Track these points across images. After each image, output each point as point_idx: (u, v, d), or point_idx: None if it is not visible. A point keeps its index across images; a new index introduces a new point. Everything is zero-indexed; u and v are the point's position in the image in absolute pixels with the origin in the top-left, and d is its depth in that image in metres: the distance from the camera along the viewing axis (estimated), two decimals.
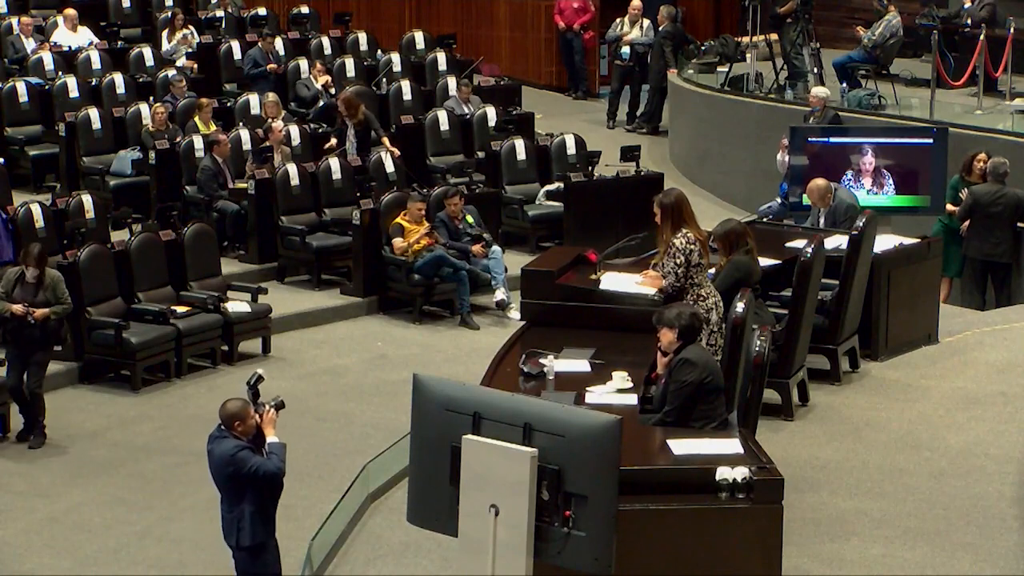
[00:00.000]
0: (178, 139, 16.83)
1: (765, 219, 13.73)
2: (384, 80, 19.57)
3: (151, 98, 18.22)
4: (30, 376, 11.94)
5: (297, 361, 14.00)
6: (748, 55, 19.98)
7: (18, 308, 11.98)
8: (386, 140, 17.37)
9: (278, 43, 20.14)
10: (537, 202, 17.08)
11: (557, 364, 9.04)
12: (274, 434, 8.62)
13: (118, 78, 18.62)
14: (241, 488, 8.58)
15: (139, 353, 13.09)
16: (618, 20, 21.90)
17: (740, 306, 9.20)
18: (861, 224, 11.68)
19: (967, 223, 14.52)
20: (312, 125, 18.06)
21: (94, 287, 13.33)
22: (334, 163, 16.34)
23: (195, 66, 19.70)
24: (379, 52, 20.98)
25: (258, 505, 8.62)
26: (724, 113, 19.53)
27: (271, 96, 17.88)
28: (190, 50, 20.03)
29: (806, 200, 14.07)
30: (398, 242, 14.97)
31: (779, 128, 16.34)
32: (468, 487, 5.90)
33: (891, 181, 14.35)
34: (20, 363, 11.98)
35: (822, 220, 13.09)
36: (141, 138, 17.11)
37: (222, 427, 8.64)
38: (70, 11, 20.38)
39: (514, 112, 19.32)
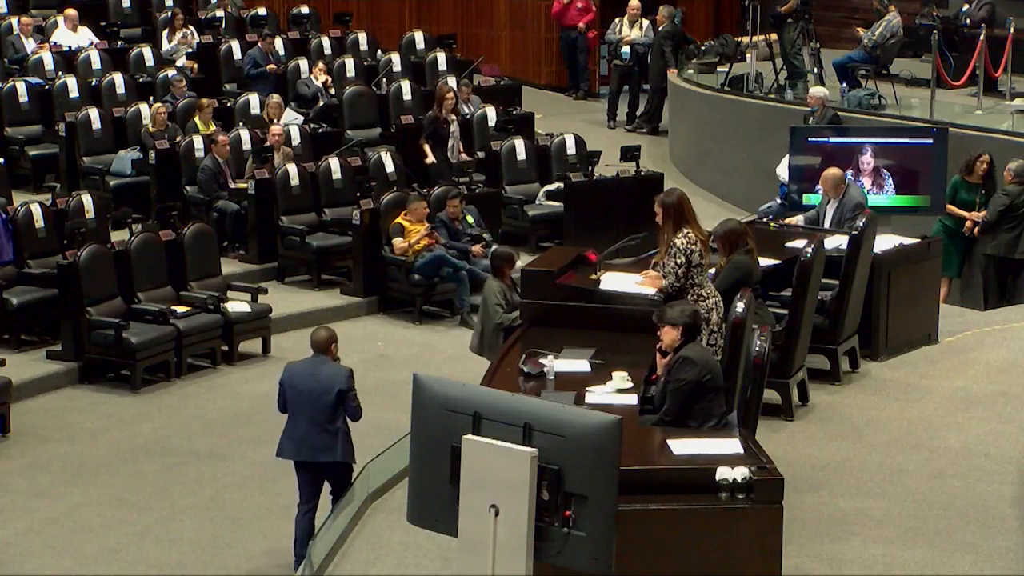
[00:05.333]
0: (178, 139, 16.83)
1: (765, 219, 13.71)
2: (384, 80, 19.57)
3: (151, 98, 18.23)
4: None
5: None
6: (748, 55, 19.99)
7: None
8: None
9: (278, 43, 20.15)
10: (537, 202, 17.09)
11: (557, 364, 9.04)
12: None
13: (118, 78, 18.62)
14: (338, 409, 9.70)
15: (139, 353, 13.09)
16: (617, 20, 21.90)
17: (740, 306, 9.19)
18: (861, 224, 11.67)
19: (973, 224, 14.53)
20: (312, 125, 18.07)
21: (94, 287, 13.33)
22: (334, 163, 16.34)
23: (195, 66, 19.71)
24: (379, 52, 20.98)
25: (347, 428, 9.78)
26: (724, 113, 19.53)
27: (275, 98, 17.88)
28: (190, 50, 20.05)
29: (807, 199, 14.08)
30: (398, 242, 14.97)
31: (779, 128, 16.34)
32: (468, 487, 5.90)
33: (891, 181, 14.34)
34: None
35: (830, 211, 13.02)
36: (141, 138, 17.11)
37: (316, 355, 9.81)
38: (70, 11, 20.40)
39: (514, 112, 19.33)
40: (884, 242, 12.30)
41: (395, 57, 20.36)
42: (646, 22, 21.70)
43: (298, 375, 9.86)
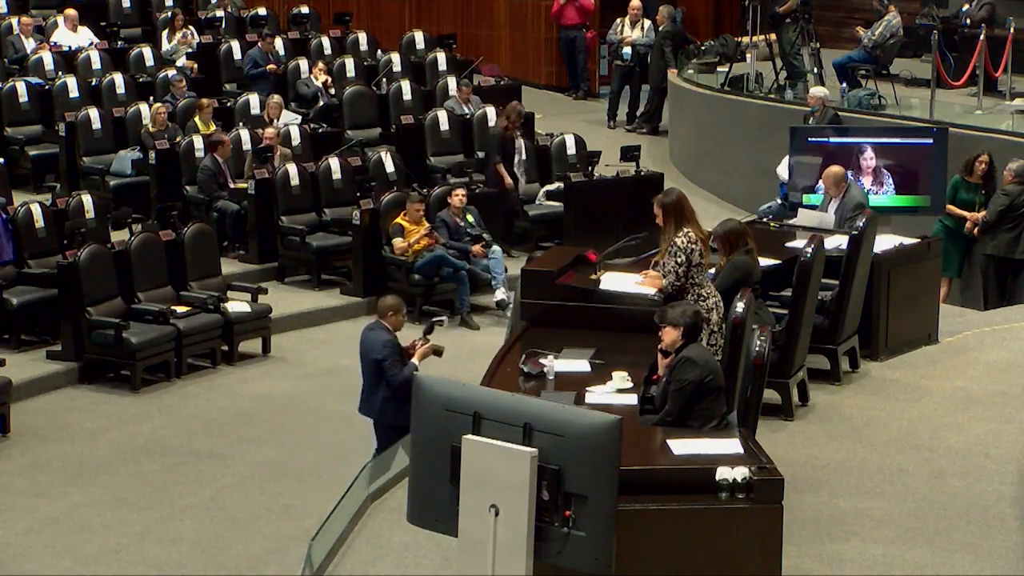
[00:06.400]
0: (178, 139, 16.83)
1: (765, 219, 13.70)
2: (384, 80, 19.57)
3: (151, 98, 18.23)
4: None
5: (297, 361, 14.00)
6: (748, 55, 19.99)
7: None
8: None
9: (278, 43, 20.15)
10: (537, 202, 17.07)
11: (557, 364, 9.03)
12: (417, 358, 10.75)
13: (118, 78, 18.62)
14: (380, 375, 10.57)
15: (139, 353, 13.09)
16: (618, 21, 21.90)
17: (740, 306, 9.19)
18: (861, 224, 11.67)
19: (973, 224, 14.54)
20: (312, 125, 18.07)
21: (94, 287, 13.33)
22: (334, 163, 16.34)
23: (195, 66, 19.71)
24: (379, 52, 20.99)
25: (390, 394, 10.52)
26: (724, 113, 19.52)
27: (275, 98, 17.88)
28: (190, 50, 20.05)
29: (806, 199, 14.07)
30: (398, 242, 14.97)
31: (779, 128, 16.34)
32: (468, 487, 5.90)
33: (891, 181, 14.33)
34: None
35: (832, 209, 12.98)
36: (141, 138, 17.11)
37: (377, 320, 10.77)
38: (70, 11, 20.40)
39: None
40: (884, 242, 12.29)
41: (395, 57, 20.37)
42: (647, 23, 21.70)
43: (361, 337, 10.84)
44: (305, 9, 22.03)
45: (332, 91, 18.91)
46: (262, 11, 22.23)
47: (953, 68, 19.41)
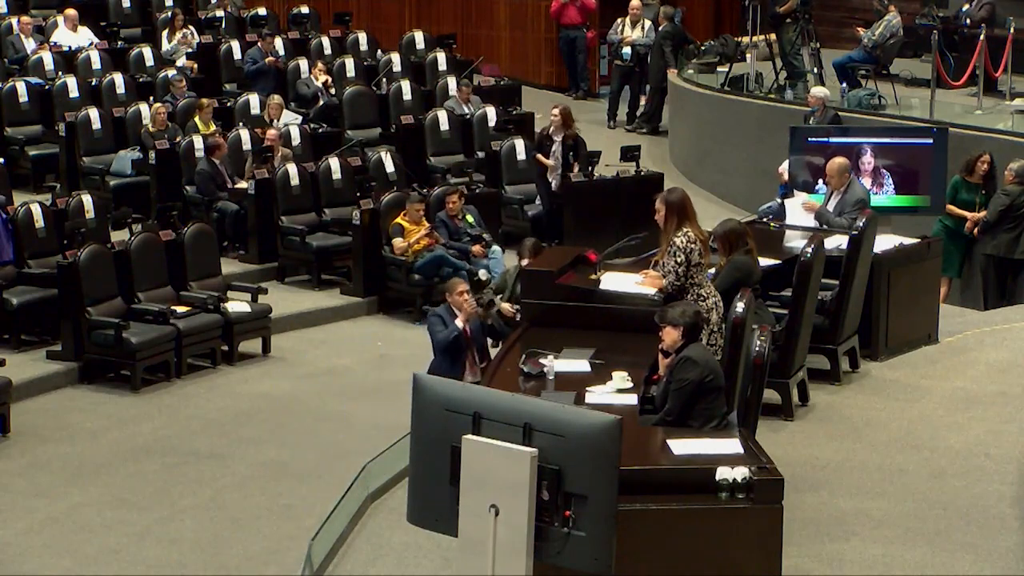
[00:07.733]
0: (178, 139, 16.83)
1: (765, 219, 13.69)
2: (384, 80, 19.57)
3: (151, 98, 18.23)
4: None
5: (297, 361, 14.00)
6: (748, 55, 19.99)
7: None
8: (577, 166, 16.82)
9: (278, 43, 20.15)
10: (537, 202, 17.07)
11: (557, 364, 9.03)
12: (460, 319, 11.69)
13: (118, 78, 18.62)
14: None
15: (139, 353, 13.08)
16: (619, 21, 21.91)
17: (740, 306, 9.19)
18: (861, 224, 11.67)
19: (973, 224, 14.54)
20: (312, 125, 18.07)
21: (94, 287, 13.32)
22: (334, 163, 16.34)
23: (195, 66, 19.71)
24: (379, 52, 20.99)
25: (437, 364, 11.49)
26: (724, 113, 19.53)
27: (276, 98, 17.87)
28: (190, 50, 20.05)
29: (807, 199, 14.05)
30: (398, 242, 14.97)
31: (779, 128, 16.33)
32: (468, 487, 5.90)
33: (891, 181, 14.32)
34: None
35: (832, 204, 12.94)
36: (141, 138, 17.11)
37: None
38: (70, 11, 20.40)
39: (514, 112, 19.32)
40: (884, 242, 12.29)
41: (395, 57, 20.37)
42: (648, 23, 21.71)
43: None
44: (305, 9, 22.04)
45: (332, 91, 18.91)
46: (262, 11, 22.24)
47: (953, 68, 19.41)
